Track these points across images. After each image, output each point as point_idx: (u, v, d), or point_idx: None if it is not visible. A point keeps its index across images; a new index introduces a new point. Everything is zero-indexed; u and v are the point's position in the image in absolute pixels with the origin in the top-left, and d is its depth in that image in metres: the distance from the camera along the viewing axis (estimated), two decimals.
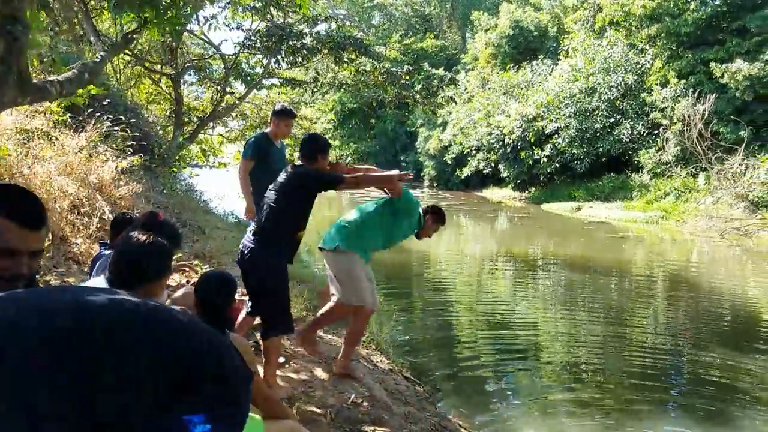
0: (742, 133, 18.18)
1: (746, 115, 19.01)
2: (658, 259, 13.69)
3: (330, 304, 4.38)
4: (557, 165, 24.56)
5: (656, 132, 21.33)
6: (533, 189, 26.70)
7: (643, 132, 22.23)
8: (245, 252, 3.74)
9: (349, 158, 48.63)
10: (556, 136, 24.41)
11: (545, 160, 24.76)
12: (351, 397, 3.96)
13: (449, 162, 31.87)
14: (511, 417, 5.03)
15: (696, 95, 19.28)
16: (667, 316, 8.67)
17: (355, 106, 40.26)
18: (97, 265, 3.29)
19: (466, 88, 32.78)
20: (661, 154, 20.85)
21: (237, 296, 4.97)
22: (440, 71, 29.30)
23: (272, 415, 2.35)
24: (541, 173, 25.56)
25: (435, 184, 34.57)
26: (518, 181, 27.41)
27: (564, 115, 24.20)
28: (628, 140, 22.54)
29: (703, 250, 15.00)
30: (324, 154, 3.90)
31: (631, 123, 22.53)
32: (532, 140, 25.36)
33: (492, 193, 29.49)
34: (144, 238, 2.09)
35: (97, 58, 4.72)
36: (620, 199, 21.23)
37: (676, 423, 5.11)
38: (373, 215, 4.47)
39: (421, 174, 36.11)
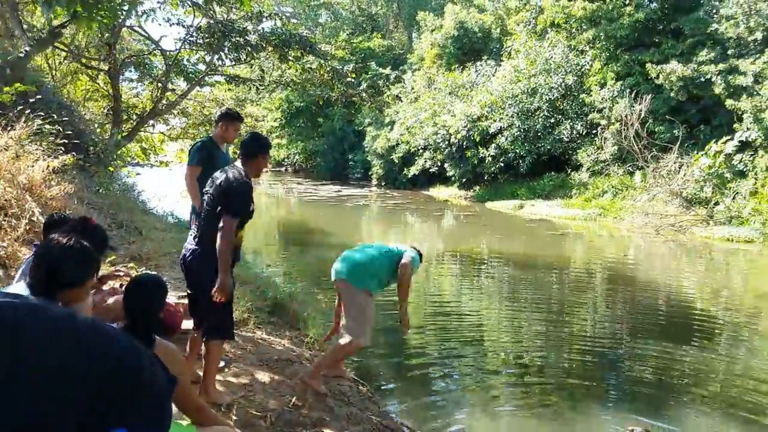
0: (676, 132, 18.96)
1: (680, 114, 19.83)
2: (597, 255, 14.14)
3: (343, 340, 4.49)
4: (501, 164, 25.02)
5: (595, 132, 22.00)
6: (478, 188, 27.12)
7: (582, 132, 22.89)
8: (186, 254, 3.75)
9: (297, 157, 48.25)
10: (500, 135, 24.87)
11: (490, 159, 25.19)
12: (292, 400, 3.92)
13: (396, 161, 32.02)
14: (456, 414, 5.08)
15: (633, 96, 19.99)
16: (606, 309, 8.97)
17: (302, 104, 39.93)
18: (20, 271, 3.14)
19: (412, 88, 32.98)
20: (599, 153, 21.52)
21: (176, 300, 4.85)
22: (387, 70, 29.36)
23: (204, 423, 2.29)
24: (485, 172, 25.98)
25: (383, 183, 34.65)
26: (464, 180, 27.78)
27: (507, 115, 24.67)
28: (568, 140, 23.18)
29: (640, 245, 15.57)
30: (265, 153, 3.88)
31: (571, 123, 23.18)
32: (477, 139, 25.75)
33: (438, 192, 29.79)
34: (65, 241, 1.99)
35: (21, 53, 4.49)
36: (560, 197, 21.82)
37: (615, 410, 5.27)
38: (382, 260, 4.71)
39: (369, 173, 36.16)
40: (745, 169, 16.70)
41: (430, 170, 29.67)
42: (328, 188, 33.44)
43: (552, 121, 23.92)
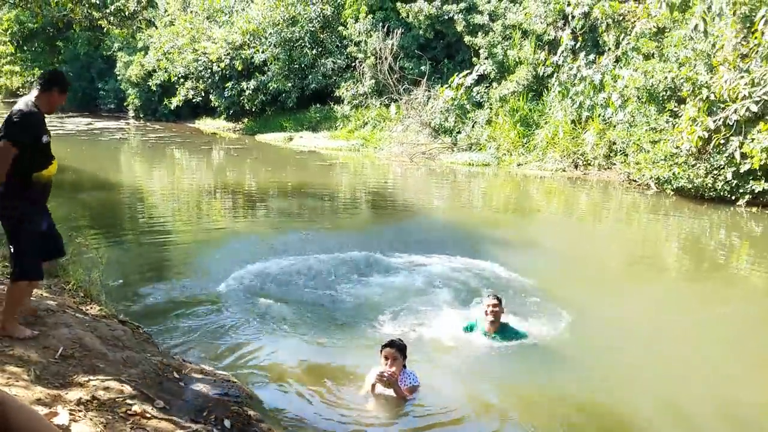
0: (423, 67, 20.64)
1: (428, 51, 21.56)
2: (361, 183, 15.19)
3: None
4: (264, 98, 24.81)
5: (354, 66, 22.87)
6: (246, 120, 26.70)
7: (343, 65, 23.65)
8: None
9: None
10: (265, 68, 24.53)
11: (250, 92, 24.79)
12: (59, 351, 3.77)
13: (155, 89, 29.73)
14: (234, 343, 5.29)
15: (385, 30, 21.09)
16: (372, 227, 9.86)
17: (36, 26, 34.52)
18: None
19: (166, 11, 30.54)
20: (359, 87, 22.54)
21: None
22: None
23: None
24: (250, 105, 25.58)
25: (141, 115, 32.10)
26: (231, 112, 27.07)
27: (270, 44, 24.31)
28: (330, 73, 23.77)
29: (397, 172, 17.04)
30: (61, 91, 3.99)
31: (333, 58, 23.72)
32: (240, 68, 25.08)
33: (205, 125, 28.68)
34: None
35: None
36: (326, 129, 22.64)
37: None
38: None
39: (125, 104, 33.13)
40: (482, 100, 18.99)
41: (194, 101, 28.24)
42: (77, 121, 30.01)
43: (315, 53, 24.21)
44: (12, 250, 3.88)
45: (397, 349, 4.37)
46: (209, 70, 26.23)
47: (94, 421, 3.01)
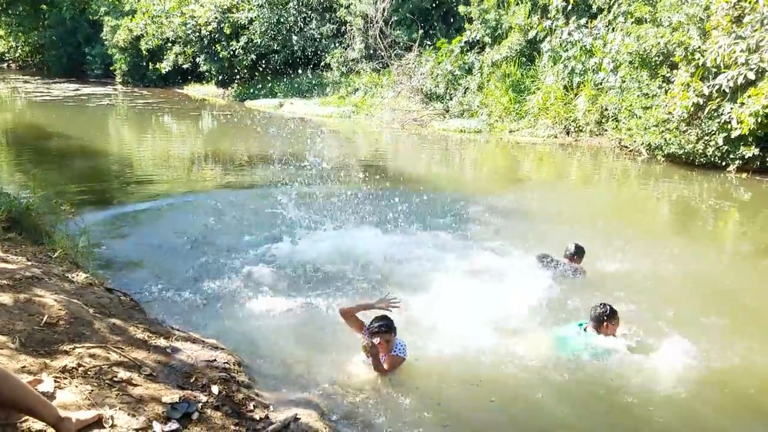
0: (414, 34, 20.33)
1: (419, 15, 21.19)
2: (353, 150, 15.09)
3: None
4: (253, 57, 24.41)
5: (344, 31, 22.49)
6: (236, 86, 26.33)
7: (333, 30, 23.25)
8: None
9: (21, 51, 41.26)
10: (251, 26, 24.10)
11: (241, 51, 24.40)
12: (44, 319, 3.76)
13: (144, 55, 29.19)
14: (224, 310, 5.31)
15: None
16: (360, 194, 9.79)
17: None
18: None
19: None
20: (349, 52, 22.21)
21: None
22: None
23: None
24: (240, 68, 25.19)
25: (129, 81, 31.56)
26: (220, 78, 26.67)
27: (256, 5, 23.85)
28: (319, 37, 23.37)
29: (388, 139, 16.93)
30: None
31: (320, 21, 23.26)
32: (228, 32, 24.66)
33: (194, 90, 28.28)
34: None
35: None
36: (317, 96, 22.37)
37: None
38: None
39: (112, 69, 32.54)
40: (473, 67, 18.77)
41: (183, 66, 27.78)
42: (64, 87, 29.51)
43: (303, 16, 23.77)
44: None
45: (381, 328, 4.32)
46: (197, 34, 25.75)
47: (79, 389, 3.02)
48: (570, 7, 15.80)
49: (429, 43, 20.40)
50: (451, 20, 20.93)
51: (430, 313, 5.28)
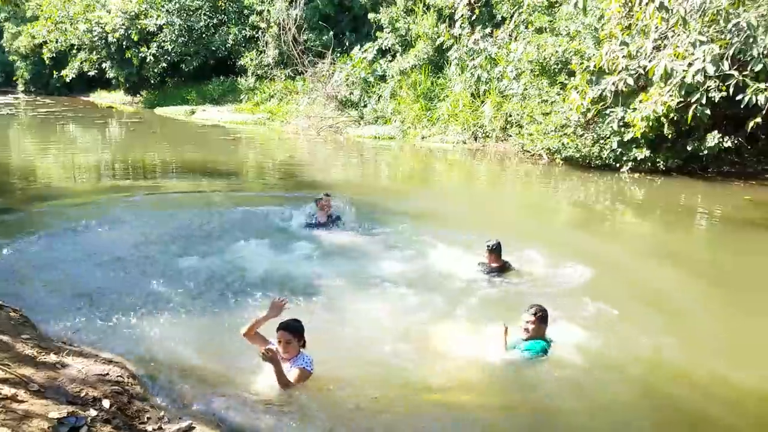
0: (325, 37, 20.48)
1: (332, 23, 21.39)
2: (267, 157, 15.03)
3: None
4: (165, 65, 23.82)
5: (257, 36, 22.36)
6: (145, 93, 25.57)
7: (246, 36, 23.06)
8: None
9: None
10: (161, 33, 23.49)
11: (152, 58, 23.74)
12: None
13: (47, 62, 27.81)
14: (122, 323, 5.20)
15: (288, 0, 20.68)
16: (272, 201, 9.82)
17: None
18: None
19: None
20: (263, 58, 22.09)
21: None
22: None
23: None
24: (150, 75, 24.49)
25: (32, 89, 30.02)
26: (128, 85, 25.82)
27: (166, 11, 23.29)
28: (232, 43, 23.11)
29: (303, 146, 16.97)
30: None
31: (235, 27, 23.04)
32: (136, 39, 23.93)
33: (101, 98, 27.25)
34: None
35: None
36: (231, 102, 22.11)
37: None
38: None
39: (13, 78, 30.81)
40: (385, 74, 19.12)
41: (89, 73, 26.67)
42: None
43: (215, 21, 23.42)
44: None
45: (289, 331, 4.18)
46: (104, 41, 24.81)
47: None
48: (474, 17, 16.42)
49: (340, 50, 20.61)
50: (362, 27, 21.23)
51: (336, 323, 5.35)
